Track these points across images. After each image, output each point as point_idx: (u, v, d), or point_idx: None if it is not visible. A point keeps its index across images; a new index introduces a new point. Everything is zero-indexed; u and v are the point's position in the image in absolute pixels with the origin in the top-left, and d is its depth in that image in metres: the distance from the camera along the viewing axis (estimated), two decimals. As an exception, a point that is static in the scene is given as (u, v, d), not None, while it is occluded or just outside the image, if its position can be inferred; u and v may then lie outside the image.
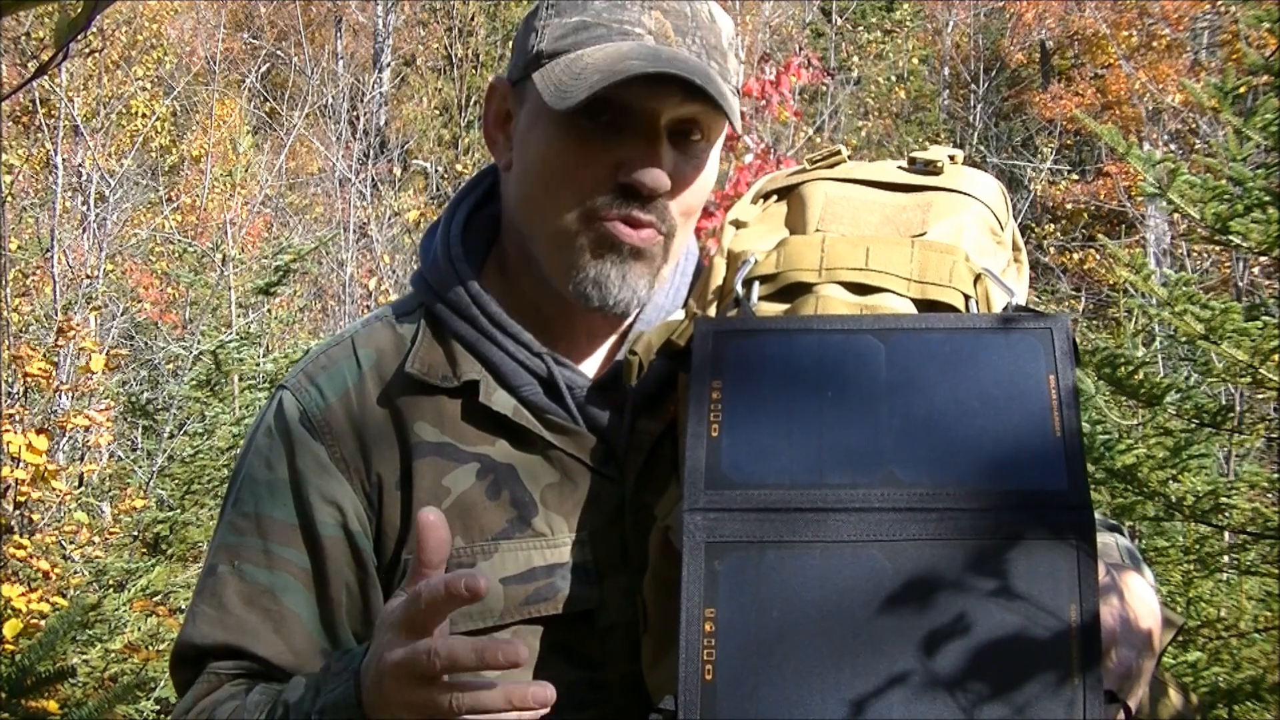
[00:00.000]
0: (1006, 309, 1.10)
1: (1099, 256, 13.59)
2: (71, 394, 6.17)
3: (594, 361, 1.28)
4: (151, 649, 4.52)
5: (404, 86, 17.55)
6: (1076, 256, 14.67)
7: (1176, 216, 5.86)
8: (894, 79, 17.56)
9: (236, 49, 16.66)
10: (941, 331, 1.05)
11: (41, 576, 4.56)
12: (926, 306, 1.10)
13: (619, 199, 1.17)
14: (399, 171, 14.56)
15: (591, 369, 1.27)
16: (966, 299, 1.10)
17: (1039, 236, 14.78)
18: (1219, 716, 3.33)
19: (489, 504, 1.17)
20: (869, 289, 1.10)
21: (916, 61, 18.34)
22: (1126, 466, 3.60)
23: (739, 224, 1.24)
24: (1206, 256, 10.53)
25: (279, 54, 16.93)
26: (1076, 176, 16.62)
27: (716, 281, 1.19)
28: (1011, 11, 18.53)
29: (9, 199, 8.99)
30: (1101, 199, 14.79)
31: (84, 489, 5.72)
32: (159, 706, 4.52)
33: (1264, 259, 4.16)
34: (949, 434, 1.00)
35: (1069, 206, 15.95)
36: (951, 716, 0.92)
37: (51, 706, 3.27)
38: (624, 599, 1.17)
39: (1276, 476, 3.85)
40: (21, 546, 4.55)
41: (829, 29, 16.78)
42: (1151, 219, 12.67)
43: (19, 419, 5.38)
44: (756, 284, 1.14)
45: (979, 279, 1.11)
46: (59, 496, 4.96)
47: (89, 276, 7.52)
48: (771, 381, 1.04)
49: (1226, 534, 4.05)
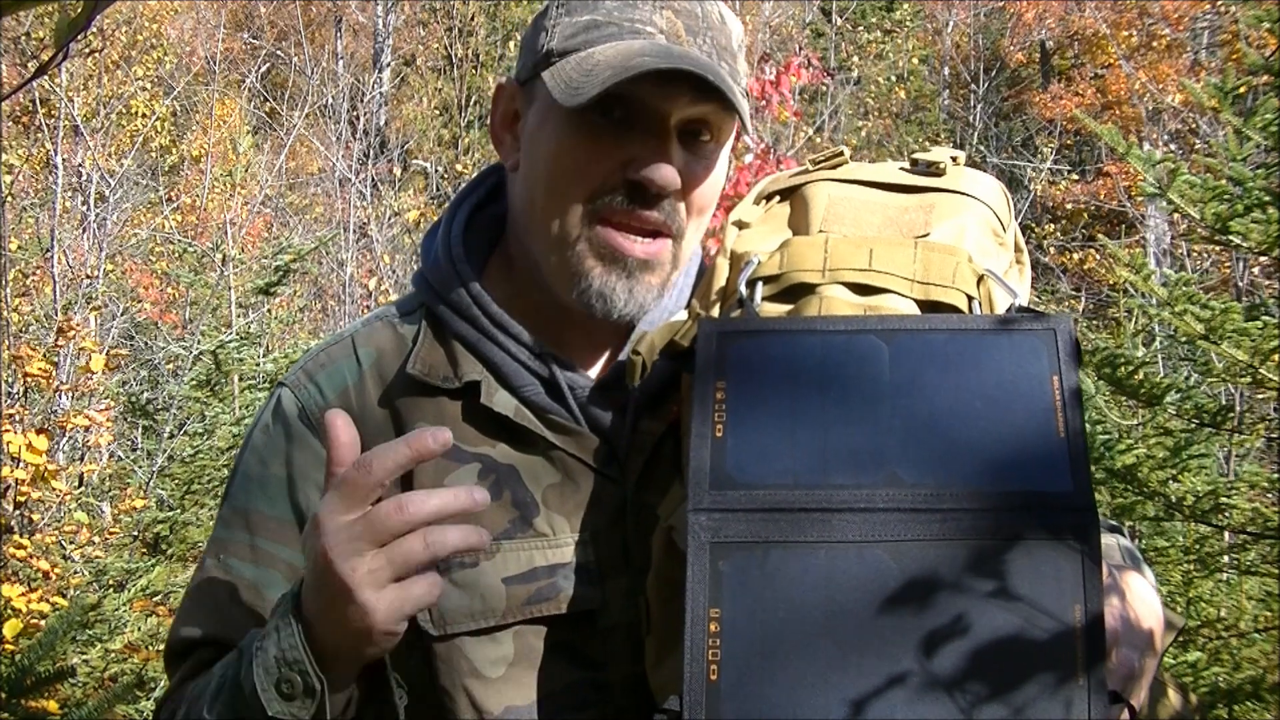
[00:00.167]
0: (1010, 310, 1.09)
1: (1099, 256, 13.59)
2: (71, 394, 6.17)
3: (596, 362, 1.27)
4: (151, 649, 4.51)
5: (404, 86, 17.54)
6: (1076, 256, 14.67)
7: (1176, 216, 5.86)
8: (894, 79, 17.56)
9: (236, 49, 16.66)
10: (945, 332, 1.05)
11: (41, 576, 4.55)
12: (929, 308, 1.10)
13: (627, 197, 1.17)
14: (399, 171, 14.56)
15: (594, 369, 1.27)
16: (969, 300, 1.10)
17: (1039, 236, 14.78)
18: (1219, 716, 3.33)
19: (491, 504, 1.17)
20: (872, 290, 1.10)
21: (916, 61, 18.34)
22: (1126, 466, 3.60)
23: (741, 225, 1.24)
24: (1206, 256, 10.53)
25: (279, 54, 16.93)
26: (1076, 176, 16.62)
27: (720, 282, 1.19)
28: (1011, 11, 18.53)
29: (9, 199, 8.99)
30: (1101, 199, 14.80)
31: (84, 489, 5.72)
32: (157, 708, 4.52)
33: (1264, 259, 4.16)
34: (952, 435, 1.00)
35: (1069, 206, 15.95)
36: (955, 717, 0.92)
37: (51, 706, 3.27)
38: (626, 599, 1.17)
39: (1276, 476, 3.85)
40: (21, 546, 4.55)
41: (829, 29, 16.78)
42: (1151, 219, 12.68)
43: (19, 419, 5.38)
44: (760, 285, 1.13)
45: (982, 280, 1.11)
46: (59, 496, 4.95)
47: (89, 276, 7.52)
48: (775, 382, 1.04)
49: (1226, 534, 4.05)
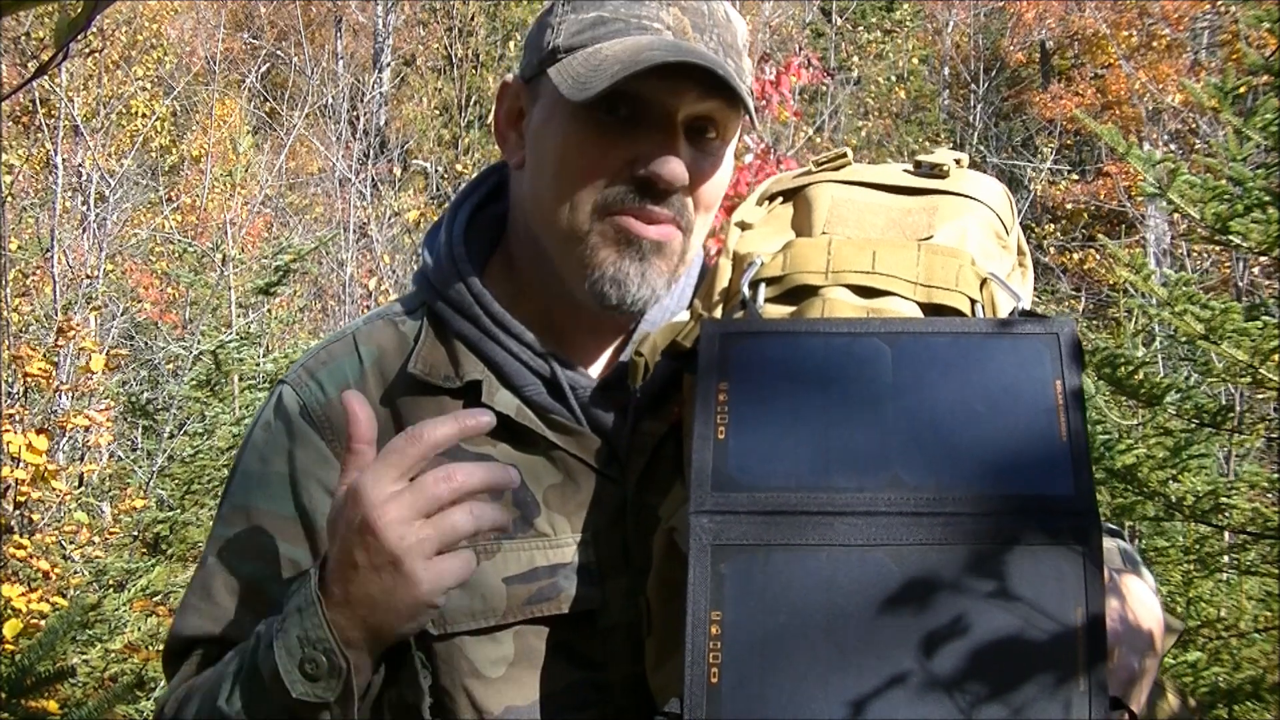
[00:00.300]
0: (1013, 314, 1.09)
1: (1099, 256, 13.59)
2: (71, 394, 6.17)
3: (598, 362, 1.27)
4: (151, 649, 4.51)
5: (404, 86, 17.54)
6: (1076, 256, 14.67)
7: (1176, 216, 5.86)
8: (894, 79, 17.55)
9: (236, 49, 16.66)
10: (947, 335, 1.05)
11: (41, 576, 4.55)
12: (932, 310, 1.09)
13: (635, 193, 1.16)
14: (399, 171, 14.56)
15: (595, 370, 1.27)
16: (972, 303, 1.09)
17: (1039, 236, 14.78)
18: (1219, 716, 3.33)
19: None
20: (875, 292, 1.10)
21: (916, 61, 18.33)
22: (1126, 466, 3.60)
23: (744, 225, 1.23)
24: (1206, 256, 10.53)
25: (279, 54, 16.92)
26: (1076, 176, 16.62)
27: (722, 283, 1.19)
28: (1011, 11, 18.53)
29: (9, 199, 8.99)
30: (1101, 199, 14.80)
31: (84, 489, 5.72)
32: (159, 707, 4.52)
33: (1264, 259, 4.16)
34: (955, 438, 1.00)
35: (1069, 206, 15.95)
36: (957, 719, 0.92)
37: (51, 706, 3.27)
38: (626, 600, 1.17)
39: (1276, 476, 3.85)
40: (21, 546, 4.55)
41: (829, 29, 16.77)
42: (1151, 219, 12.67)
43: (19, 419, 5.38)
44: (763, 286, 1.13)
45: (985, 283, 1.11)
46: (59, 496, 4.95)
47: (89, 276, 7.52)
48: (778, 384, 1.04)
49: (1226, 534, 4.05)
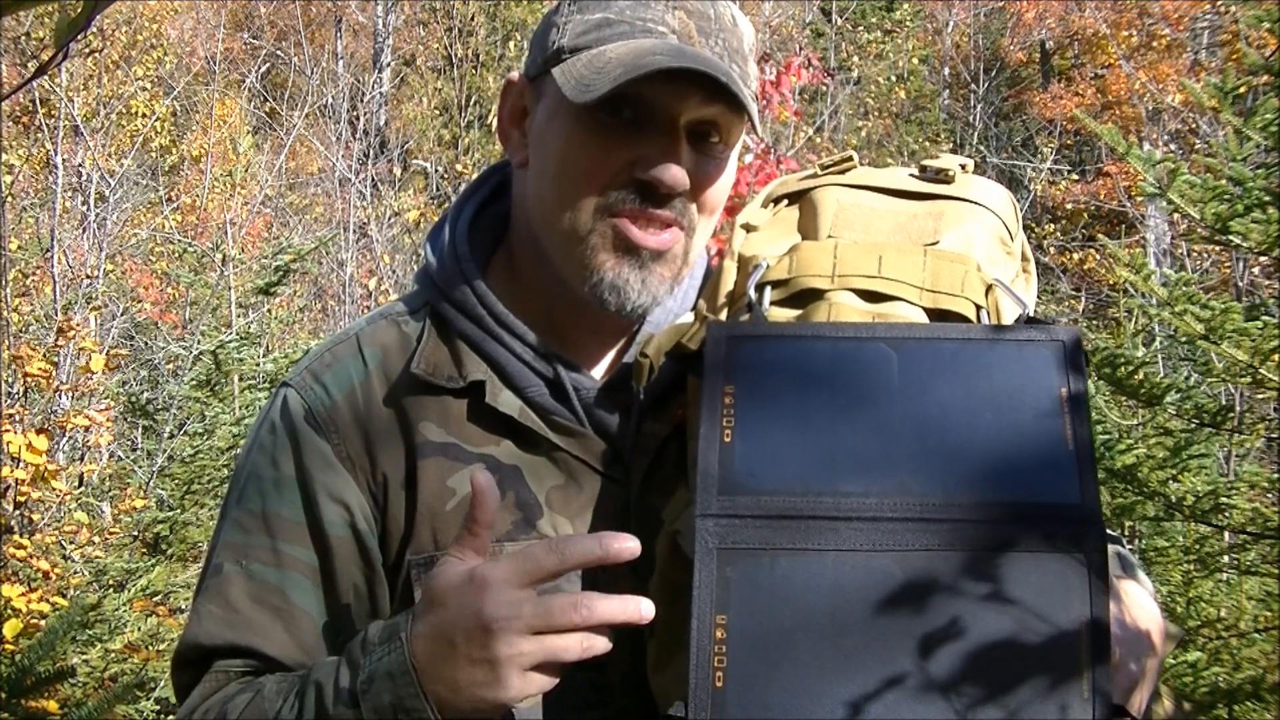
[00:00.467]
0: (1019, 320, 1.09)
1: (1099, 256, 13.59)
2: (71, 394, 6.17)
3: (601, 363, 1.27)
4: (151, 649, 4.52)
5: (404, 86, 17.53)
6: (1076, 256, 14.67)
7: (1176, 216, 5.86)
8: (894, 79, 17.54)
9: (236, 49, 16.66)
10: (954, 341, 1.05)
11: (41, 576, 4.55)
12: (938, 316, 1.09)
13: (635, 196, 1.16)
14: (399, 171, 14.56)
15: (599, 371, 1.26)
16: (978, 309, 1.09)
17: (1039, 236, 14.78)
18: (1219, 716, 3.33)
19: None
20: (881, 297, 1.10)
21: (916, 61, 18.32)
22: (1126, 466, 3.60)
23: (749, 227, 1.23)
24: (1206, 256, 10.54)
25: (279, 54, 16.92)
26: (1076, 176, 16.62)
27: (727, 285, 1.18)
28: (1011, 11, 18.54)
29: (9, 199, 8.99)
30: (1101, 199, 14.80)
31: (84, 489, 5.72)
32: (159, 706, 4.52)
33: (1264, 259, 4.16)
34: (961, 445, 1.00)
35: (1069, 206, 15.95)
36: None
37: (51, 706, 3.27)
38: (628, 602, 1.17)
39: (1276, 476, 3.84)
40: (21, 546, 4.55)
41: (829, 29, 16.76)
42: (1151, 219, 12.68)
43: (19, 419, 5.38)
44: (768, 289, 1.13)
45: (990, 289, 1.11)
46: (59, 496, 4.95)
47: (89, 276, 7.52)
48: (784, 387, 1.04)
49: (1226, 534, 4.05)
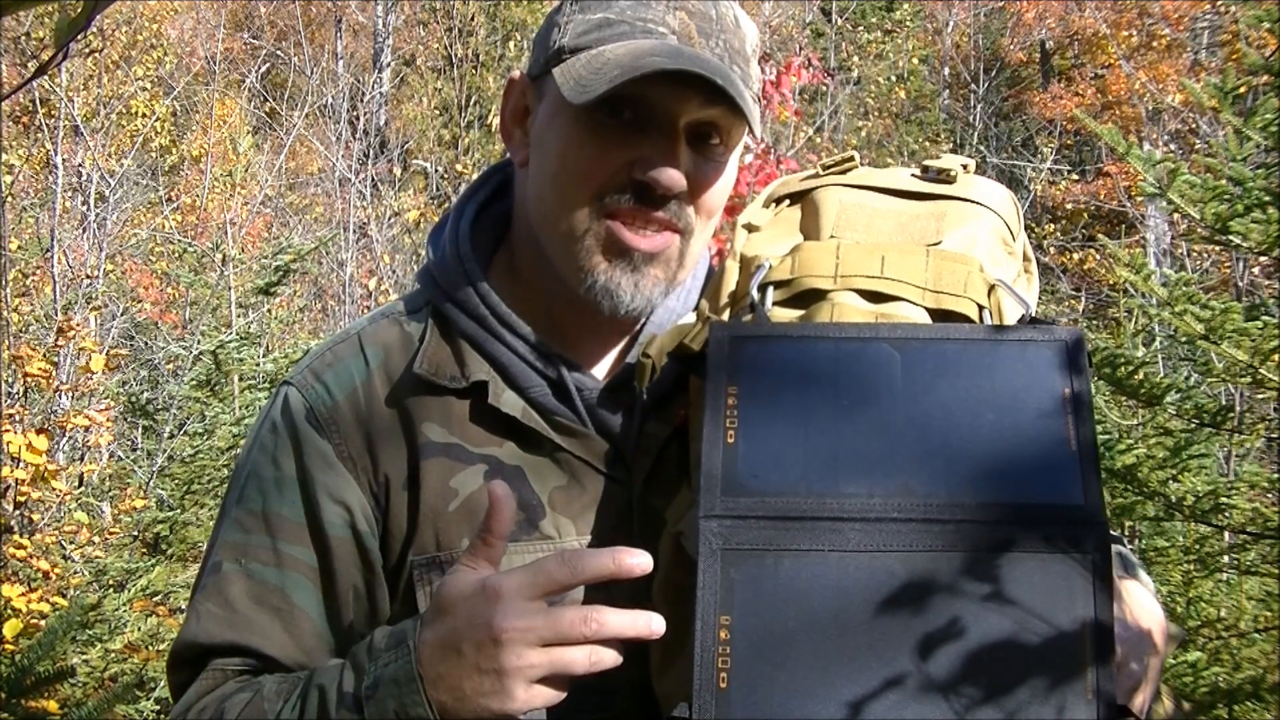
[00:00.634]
0: (1021, 321, 1.09)
1: (1099, 256, 13.60)
2: (71, 394, 6.17)
3: (603, 363, 1.27)
4: (151, 649, 4.51)
5: (404, 86, 17.52)
6: (1076, 256, 14.67)
7: (1176, 216, 5.86)
8: (894, 79, 17.53)
9: (236, 49, 16.65)
10: (957, 342, 1.05)
11: (41, 576, 4.55)
12: (940, 316, 1.09)
13: (634, 197, 1.16)
14: (399, 171, 14.55)
15: (601, 371, 1.26)
16: (980, 309, 1.09)
17: (1039, 236, 14.77)
18: (1219, 716, 3.33)
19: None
20: (884, 297, 1.10)
21: (916, 61, 18.31)
22: (1126, 466, 3.60)
23: (751, 228, 1.23)
24: (1206, 256, 10.54)
25: (279, 54, 16.92)
26: (1076, 176, 16.62)
27: (729, 285, 1.18)
28: (1011, 11, 18.54)
29: (9, 199, 8.99)
30: (1101, 199, 14.80)
31: (84, 489, 5.72)
32: (159, 706, 4.52)
33: (1264, 259, 4.16)
34: (964, 445, 1.00)
35: (1069, 206, 15.95)
36: None
37: (51, 706, 3.27)
38: (630, 603, 1.16)
39: (1276, 476, 3.85)
40: (21, 546, 4.55)
41: (829, 29, 16.76)
42: (1151, 219, 12.68)
43: (19, 419, 5.38)
44: (771, 289, 1.13)
45: (993, 290, 1.11)
46: (59, 496, 4.95)
47: (89, 276, 7.52)
48: (788, 388, 1.04)
49: (1226, 534, 4.05)
